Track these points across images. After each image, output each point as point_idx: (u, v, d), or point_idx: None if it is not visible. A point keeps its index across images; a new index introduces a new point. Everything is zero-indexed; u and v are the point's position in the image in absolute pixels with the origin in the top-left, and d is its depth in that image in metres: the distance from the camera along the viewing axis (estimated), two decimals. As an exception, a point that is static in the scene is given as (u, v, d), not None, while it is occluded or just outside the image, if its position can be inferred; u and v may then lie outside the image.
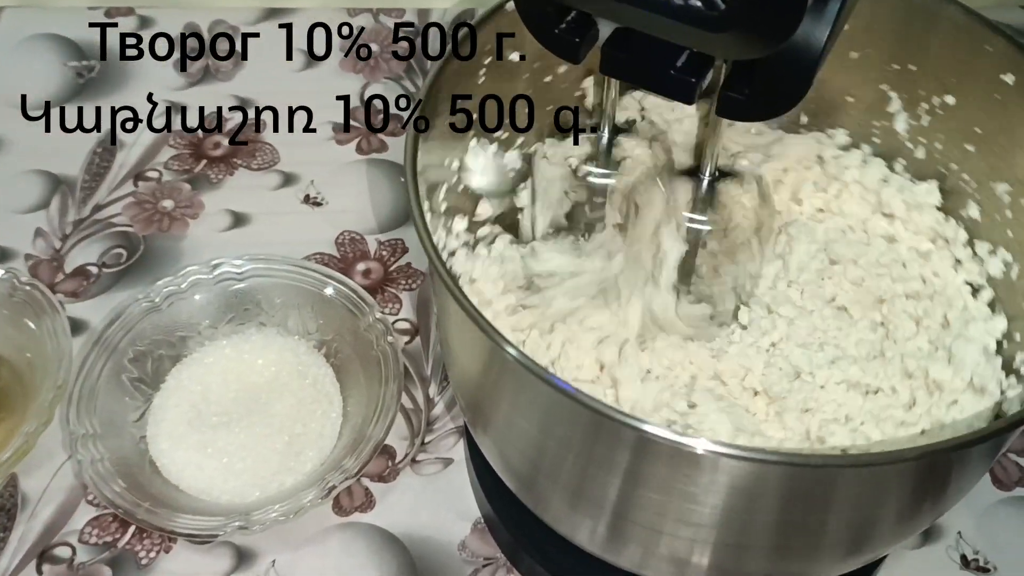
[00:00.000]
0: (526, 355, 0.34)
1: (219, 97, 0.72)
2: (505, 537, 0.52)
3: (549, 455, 0.40)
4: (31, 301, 0.56)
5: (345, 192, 0.67)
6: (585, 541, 0.43)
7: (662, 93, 0.38)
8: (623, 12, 0.34)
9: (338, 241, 0.64)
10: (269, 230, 0.65)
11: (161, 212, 0.66)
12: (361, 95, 0.72)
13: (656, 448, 0.35)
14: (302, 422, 0.54)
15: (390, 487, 0.54)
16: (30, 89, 0.72)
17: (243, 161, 0.68)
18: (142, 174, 0.67)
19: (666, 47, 0.35)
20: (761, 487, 0.36)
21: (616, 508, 0.39)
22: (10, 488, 0.54)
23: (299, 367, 0.56)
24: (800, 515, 0.38)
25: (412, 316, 0.61)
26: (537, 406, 0.38)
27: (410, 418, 0.57)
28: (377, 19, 0.77)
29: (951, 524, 0.53)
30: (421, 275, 0.63)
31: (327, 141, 0.70)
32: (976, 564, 0.52)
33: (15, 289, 0.57)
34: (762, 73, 0.35)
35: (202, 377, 0.56)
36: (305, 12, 0.77)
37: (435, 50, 0.75)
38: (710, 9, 0.31)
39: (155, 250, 0.64)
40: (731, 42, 0.32)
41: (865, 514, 0.39)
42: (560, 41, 0.38)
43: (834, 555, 0.42)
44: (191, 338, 0.57)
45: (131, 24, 0.76)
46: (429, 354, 0.60)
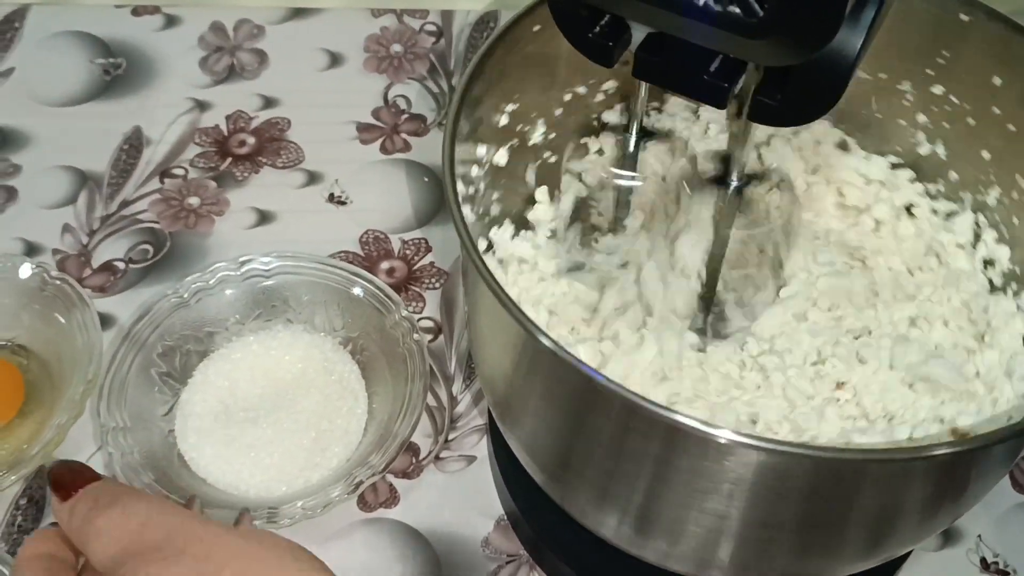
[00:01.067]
0: (560, 344, 0.35)
1: (244, 95, 0.72)
2: (528, 534, 0.52)
3: (579, 446, 0.41)
4: (61, 295, 0.57)
5: (369, 191, 0.68)
6: (611, 534, 0.44)
7: (694, 97, 0.38)
8: (659, 17, 0.34)
9: (362, 240, 0.65)
10: (294, 228, 0.66)
11: (187, 209, 0.66)
12: (384, 95, 0.73)
13: (687, 438, 0.35)
14: (328, 418, 0.55)
15: (414, 484, 0.55)
16: (57, 86, 0.72)
17: (268, 159, 0.69)
18: (168, 171, 0.68)
19: (699, 52, 0.36)
20: (789, 479, 0.37)
21: (643, 500, 0.40)
22: (39, 480, 0.54)
23: (325, 364, 0.57)
24: (825, 509, 0.39)
25: (436, 315, 0.62)
26: (569, 396, 0.39)
27: (434, 416, 0.57)
28: (401, 20, 0.77)
29: (971, 527, 0.54)
30: (444, 274, 0.63)
31: (351, 140, 0.70)
32: (996, 567, 0.53)
33: (45, 284, 0.57)
34: (795, 79, 0.35)
35: (229, 373, 0.57)
36: (330, 12, 0.77)
37: (459, 52, 0.75)
38: (748, 15, 0.32)
39: (181, 246, 0.64)
40: (768, 48, 0.32)
41: (888, 510, 0.40)
42: (593, 45, 0.38)
43: (856, 551, 0.43)
44: (218, 334, 0.58)
45: (157, 22, 0.77)
46: (452, 352, 0.60)
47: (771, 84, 0.36)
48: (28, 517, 0.53)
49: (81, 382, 0.54)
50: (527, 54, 0.46)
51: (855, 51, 0.33)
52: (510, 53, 0.45)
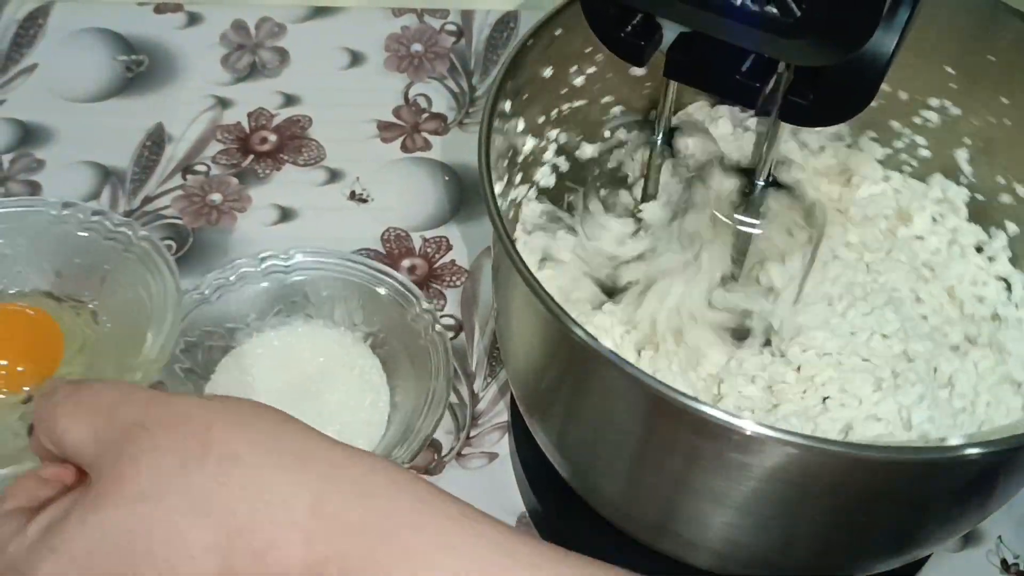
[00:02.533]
0: (595, 337, 0.35)
1: (266, 93, 0.73)
2: (549, 532, 0.52)
3: (609, 440, 0.41)
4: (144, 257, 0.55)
5: (390, 189, 0.68)
6: (635, 528, 0.44)
7: (726, 97, 0.38)
8: (694, 16, 0.34)
9: (383, 237, 0.65)
10: (316, 225, 0.66)
11: (209, 205, 0.67)
12: (405, 94, 0.73)
13: (715, 431, 0.35)
14: (351, 411, 0.55)
15: (436, 480, 0.55)
16: (80, 82, 0.73)
17: (290, 157, 0.69)
18: (190, 168, 0.69)
19: (731, 52, 0.36)
20: (816, 475, 0.37)
21: (670, 491, 0.40)
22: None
23: (346, 358, 0.57)
24: (851, 506, 0.39)
25: (457, 312, 0.62)
26: (602, 390, 0.39)
27: (455, 413, 0.58)
28: (422, 19, 0.78)
29: (992, 529, 0.54)
30: (465, 272, 0.64)
31: (372, 139, 0.71)
32: (1016, 569, 0.53)
33: (131, 243, 0.56)
34: (827, 79, 0.35)
35: (251, 368, 0.57)
36: (351, 11, 0.78)
37: (479, 52, 0.76)
38: (785, 15, 0.32)
39: (204, 242, 0.65)
40: (804, 48, 0.32)
41: (913, 510, 0.40)
42: (625, 44, 0.38)
43: (879, 551, 0.43)
44: (240, 330, 0.58)
45: (179, 20, 0.77)
46: (474, 349, 0.60)
47: (802, 84, 0.36)
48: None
49: (158, 342, 0.51)
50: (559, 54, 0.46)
51: (889, 52, 0.34)
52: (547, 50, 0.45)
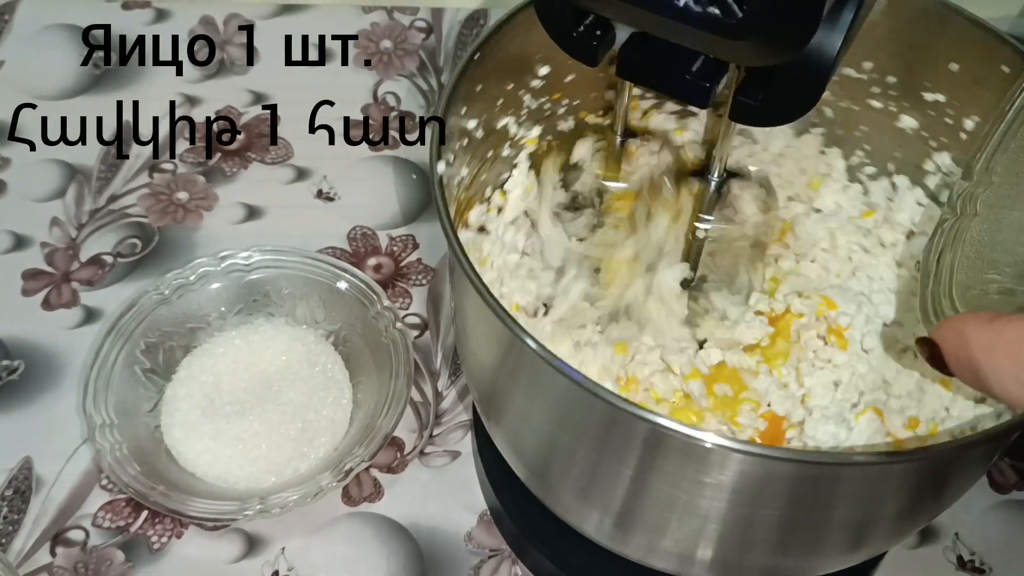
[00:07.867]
0: (544, 346, 0.35)
1: (234, 91, 0.73)
2: (511, 529, 0.53)
3: (562, 445, 0.41)
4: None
5: (357, 188, 0.68)
6: (593, 531, 0.44)
7: (677, 97, 0.38)
8: (641, 17, 0.35)
9: (350, 236, 0.65)
10: (282, 223, 0.66)
11: (176, 204, 0.66)
12: (374, 92, 0.73)
13: (668, 441, 0.36)
14: (314, 409, 0.55)
15: (398, 478, 0.55)
16: (47, 79, 0.72)
17: (257, 155, 0.69)
18: (157, 166, 0.68)
19: (682, 52, 0.36)
20: (769, 483, 0.37)
21: (625, 498, 0.40)
22: (24, 471, 0.55)
23: (308, 356, 0.57)
24: (804, 510, 0.39)
25: (422, 311, 0.62)
26: (553, 397, 0.39)
27: (419, 411, 0.58)
28: (391, 16, 0.78)
29: (949, 525, 0.54)
30: (431, 271, 0.64)
31: (339, 137, 0.70)
32: (972, 565, 0.53)
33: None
34: (776, 79, 0.36)
35: (213, 367, 0.57)
36: (320, 8, 0.78)
37: (448, 49, 0.75)
38: (728, 16, 0.32)
39: (170, 241, 0.65)
40: (748, 49, 0.32)
41: (866, 511, 0.40)
42: (578, 44, 0.38)
43: (835, 550, 0.43)
44: (201, 329, 0.58)
45: (147, 16, 0.77)
46: (438, 348, 0.60)
47: (752, 84, 0.37)
48: (14, 508, 0.54)
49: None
50: (511, 55, 0.46)
51: (834, 52, 0.34)
52: (499, 52, 0.45)
